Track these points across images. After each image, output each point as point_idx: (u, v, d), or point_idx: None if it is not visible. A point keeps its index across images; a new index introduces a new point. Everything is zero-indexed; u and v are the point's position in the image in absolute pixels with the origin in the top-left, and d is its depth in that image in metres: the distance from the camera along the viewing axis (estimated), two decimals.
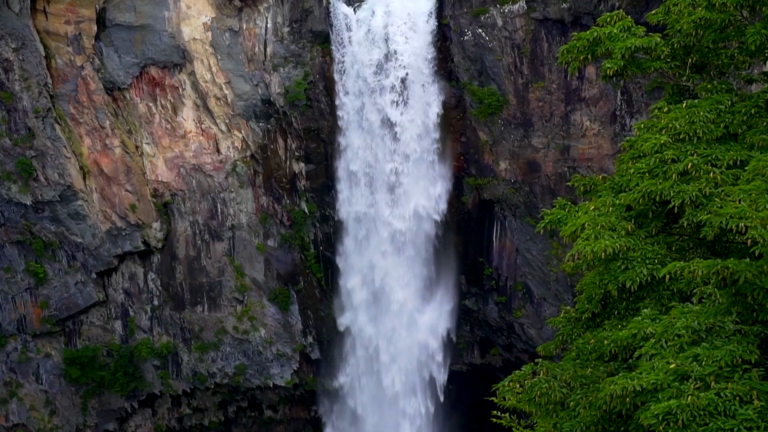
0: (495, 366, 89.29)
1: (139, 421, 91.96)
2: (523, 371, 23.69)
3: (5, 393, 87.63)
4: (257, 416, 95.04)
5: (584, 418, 21.58)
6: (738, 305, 20.28)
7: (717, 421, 18.13)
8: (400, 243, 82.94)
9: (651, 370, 19.67)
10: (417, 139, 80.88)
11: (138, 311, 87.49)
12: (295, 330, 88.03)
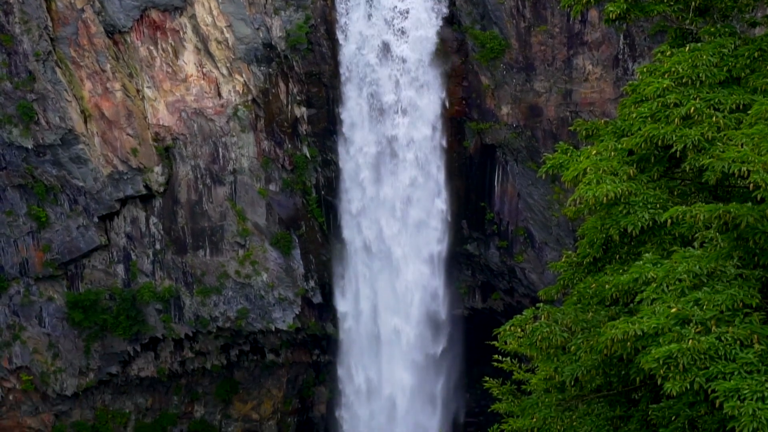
0: (496, 310, 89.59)
1: (141, 364, 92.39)
2: (524, 315, 23.70)
3: (8, 336, 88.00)
4: (259, 360, 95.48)
5: (585, 362, 21.65)
6: (739, 249, 20.27)
7: (717, 364, 18.18)
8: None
9: (652, 314, 19.69)
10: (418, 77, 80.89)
11: (140, 255, 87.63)
12: (297, 274, 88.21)
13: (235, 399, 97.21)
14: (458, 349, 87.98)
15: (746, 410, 17.15)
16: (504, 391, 36.41)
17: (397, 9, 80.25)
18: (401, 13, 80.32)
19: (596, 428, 23.49)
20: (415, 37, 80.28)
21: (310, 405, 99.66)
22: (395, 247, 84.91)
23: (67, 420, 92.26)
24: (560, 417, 24.39)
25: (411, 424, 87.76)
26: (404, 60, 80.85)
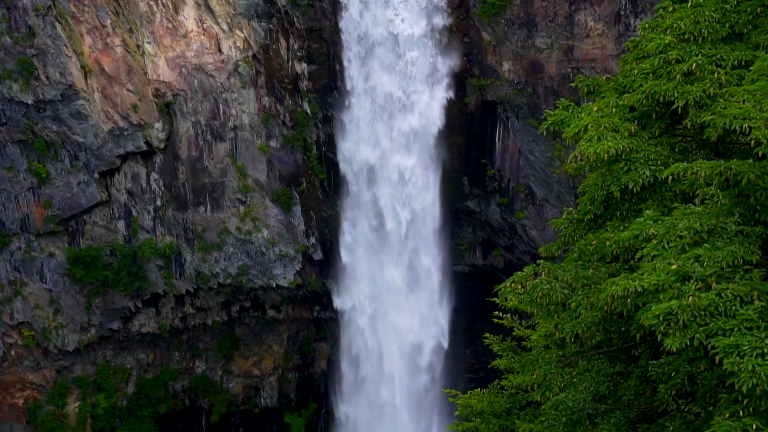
0: (497, 267, 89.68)
1: (143, 320, 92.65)
2: (525, 272, 23.71)
3: (10, 292, 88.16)
4: (260, 316, 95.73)
5: (585, 318, 21.67)
6: (740, 206, 20.25)
7: (717, 321, 18.20)
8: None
9: (652, 271, 19.70)
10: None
11: (141, 211, 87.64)
12: (298, 231, 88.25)
13: (236, 355, 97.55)
14: (458, 306, 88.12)
15: (746, 366, 17.19)
16: (504, 347, 36.52)
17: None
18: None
19: (596, 384, 23.56)
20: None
21: (311, 361, 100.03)
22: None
23: (69, 375, 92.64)
24: (560, 373, 24.47)
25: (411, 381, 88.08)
26: (403, 20, 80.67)
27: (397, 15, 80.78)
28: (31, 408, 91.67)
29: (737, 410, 17.56)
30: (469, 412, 35.77)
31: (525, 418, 33.55)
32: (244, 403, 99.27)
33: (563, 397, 24.19)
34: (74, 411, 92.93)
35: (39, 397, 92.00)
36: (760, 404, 17.26)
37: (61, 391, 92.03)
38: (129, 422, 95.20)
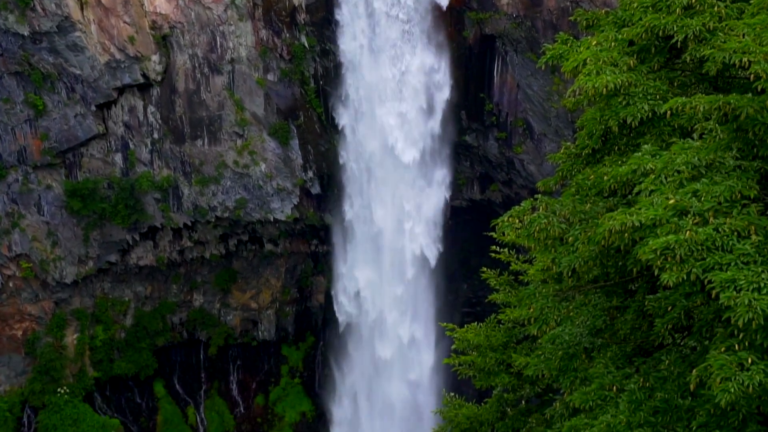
0: (494, 201, 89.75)
1: (140, 253, 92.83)
2: (523, 207, 23.69)
3: (7, 223, 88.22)
4: (258, 250, 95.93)
5: (582, 253, 21.69)
6: (738, 141, 20.21)
7: (714, 255, 18.23)
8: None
9: (650, 205, 19.69)
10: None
11: (138, 144, 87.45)
12: (296, 165, 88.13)
13: (234, 288, 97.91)
14: (456, 240, 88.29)
15: (742, 300, 17.24)
16: (501, 281, 36.66)
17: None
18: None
19: (593, 318, 23.64)
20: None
21: (309, 295, 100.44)
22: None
23: (67, 307, 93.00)
24: (557, 307, 24.55)
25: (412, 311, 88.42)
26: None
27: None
28: (30, 339, 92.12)
29: (733, 344, 17.64)
30: (466, 345, 35.97)
31: (521, 352, 33.75)
32: (241, 336, 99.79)
33: (560, 331, 24.30)
34: (72, 343, 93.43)
35: (37, 329, 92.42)
36: (755, 338, 17.34)
37: (60, 323, 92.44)
38: (127, 354, 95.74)
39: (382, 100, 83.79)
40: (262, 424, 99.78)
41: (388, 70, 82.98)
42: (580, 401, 21.62)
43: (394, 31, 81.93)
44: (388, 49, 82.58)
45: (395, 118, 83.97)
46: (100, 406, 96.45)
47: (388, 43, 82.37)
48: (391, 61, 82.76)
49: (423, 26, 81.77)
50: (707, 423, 18.82)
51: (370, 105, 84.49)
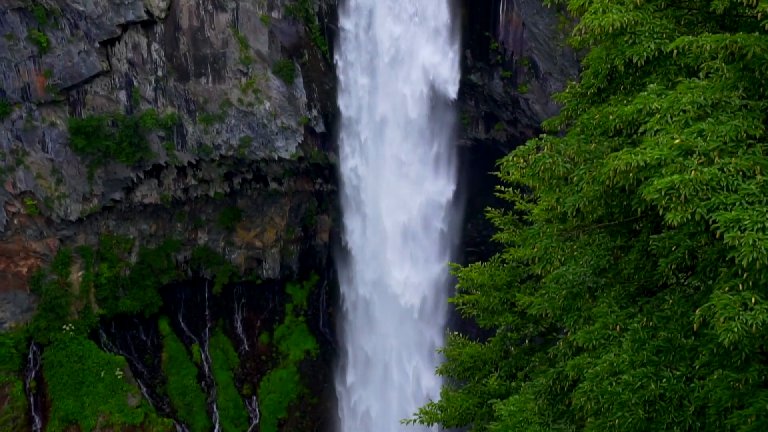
0: (499, 141, 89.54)
1: (145, 191, 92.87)
2: (528, 146, 23.59)
3: (12, 161, 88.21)
4: (262, 188, 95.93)
5: (587, 193, 21.64)
6: (745, 80, 20.08)
7: (719, 195, 18.19)
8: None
9: (655, 145, 19.61)
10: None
11: (142, 82, 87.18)
12: (300, 103, 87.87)
13: (238, 227, 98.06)
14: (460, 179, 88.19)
15: (746, 240, 17.22)
16: (506, 221, 36.68)
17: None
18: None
19: (596, 258, 23.65)
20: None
21: (313, 233, 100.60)
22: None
23: (72, 245, 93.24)
24: (561, 247, 24.54)
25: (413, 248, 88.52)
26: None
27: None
28: (35, 276, 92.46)
29: (737, 284, 17.64)
30: (470, 284, 36.07)
31: (525, 291, 33.86)
32: (246, 275, 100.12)
33: (564, 271, 24.32)
34: (77, 280, 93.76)
35: (42, 266, 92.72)
36: (759, 278, 17.34)
37: (65, 261, 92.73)
38: (132, 292, 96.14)
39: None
40: (267, 362, 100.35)
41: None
42: (584, 340, 21.69)
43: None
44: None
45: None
46: (105, 343, 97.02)
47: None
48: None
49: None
50: (710, 362, 18.90)
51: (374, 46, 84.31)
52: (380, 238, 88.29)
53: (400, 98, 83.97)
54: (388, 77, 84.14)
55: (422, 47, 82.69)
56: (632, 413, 19.26)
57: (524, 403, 25.30)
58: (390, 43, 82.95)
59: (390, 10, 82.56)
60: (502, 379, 34.85)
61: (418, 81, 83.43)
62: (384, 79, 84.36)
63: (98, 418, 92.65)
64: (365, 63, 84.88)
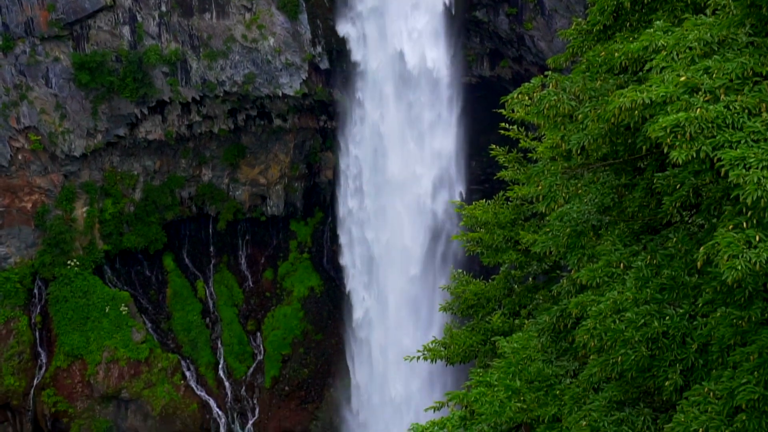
0: (504, 78, 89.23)
1: (149, 127, 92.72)
2: (533, 83, 23.51)
3: (15, 96, 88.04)
4: (266, 125, 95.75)
5: (592, 130, 21.59)
6: (752, 17, 19.94)
7: (725, 133, 18.13)
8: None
9: (661, 82, 19.53)
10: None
11: (146, 17, 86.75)
12: (304, 39, 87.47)
13: (243, 163, 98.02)
14: (464, 117, 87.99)
15: (751, 178, 17.19)
16: (510, 159, 36.65)
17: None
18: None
19: (601, 196, 23.64)
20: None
21: (317, 171, 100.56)
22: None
23: (76, 180, 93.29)
24: (565, 185, 24.51)
25: None
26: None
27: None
28: (40, 212, 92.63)
29: (741, 222, 17.64)
30: (474, 222, 36.11)
31: (529, 229, 33.89)
32: (250, 211, 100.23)
33: (568, 209, 24.32)
34: (82, 216, 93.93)
35: (47, 202, 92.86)
36: (763, 216, 17.33)
37: (69, 196, 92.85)
38: (137, 228, 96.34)
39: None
40: (271, 299, 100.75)
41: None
42: (587, 278, 21.73)
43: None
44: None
45: None
46: (110, 279, 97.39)
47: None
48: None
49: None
50: (713, 300, 18.95)
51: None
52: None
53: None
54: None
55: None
56: (635, 350, 19.35)
57: (527, 341, 25.40)
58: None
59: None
60: (506, 316, 34.98)
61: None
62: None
63: (103, 353, 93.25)
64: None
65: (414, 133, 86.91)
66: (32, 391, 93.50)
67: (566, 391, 22.52)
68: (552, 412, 22.39)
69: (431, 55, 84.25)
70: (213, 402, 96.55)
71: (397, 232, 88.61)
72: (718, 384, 18.21)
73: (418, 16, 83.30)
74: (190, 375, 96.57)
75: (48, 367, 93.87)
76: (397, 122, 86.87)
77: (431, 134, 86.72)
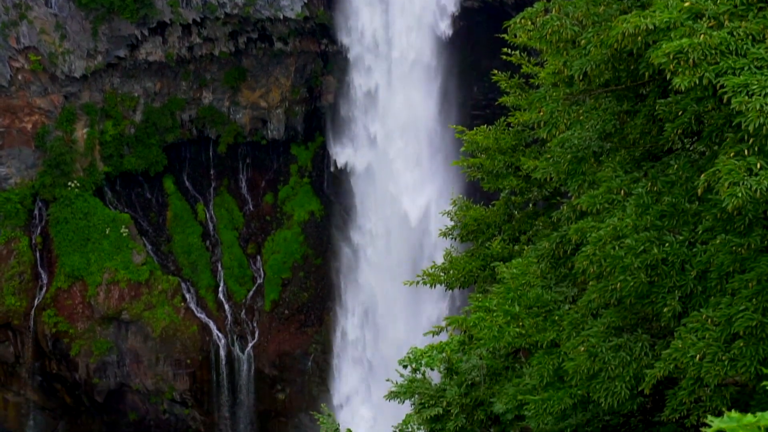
0: (507, 3, 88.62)
1: (149, 48, 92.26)
2: (536, 8, 23.29)
3: (15, 15, 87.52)
4: (267, 48, 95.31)
5: (595, 56, 21.44)
6: None
7: (728, 59, 18.01)
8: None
9: (664, 8, 19.36)
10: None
11: None
12: None
13: (243, 87, 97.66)
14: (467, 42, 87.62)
15: (753, 105, 17.11)
16: (512, 84, 36.47)
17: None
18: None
19: (602, 123, 23.53)
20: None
21: (318, 95, 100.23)
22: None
23: (77, 102, 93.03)
24: (567, 111, 24.39)
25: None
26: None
27: None
28: (40, 133, 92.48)
29: (742, 149, 17.58)
30: (475, 148, 36.03)
31: (530, 155, 33.82)
32: (251, 135, 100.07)
33: (569, 135, 24.21)
34: (82, 137, 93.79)
35: (47, 123, 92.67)
36: (765, 143, 17.27)
37: (69, 118, 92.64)
38: (137, 150, 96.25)
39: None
40: (271, 222, 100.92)
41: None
42: (587, 204, 21.70)
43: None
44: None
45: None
46: (110, 201, 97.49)
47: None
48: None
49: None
50: (713, 227, 18.95)
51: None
52: None
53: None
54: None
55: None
56: (634, 277, 19.38)
57: (527, 267, 25.44)
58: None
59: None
60: (506, 242, 35.01)
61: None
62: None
63: (104, 274, 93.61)
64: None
65: None
66: (33, 311, 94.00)
67: (565, 316, 22.59)
68: (550, 338, 22.49)
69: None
70: (213, 324, 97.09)
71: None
72: (716, 311, 18.26)
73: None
74: (190, 297, 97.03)
75: (49, 287, 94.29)
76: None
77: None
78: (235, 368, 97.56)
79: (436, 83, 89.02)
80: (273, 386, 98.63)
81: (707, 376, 17.87)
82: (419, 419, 27.69)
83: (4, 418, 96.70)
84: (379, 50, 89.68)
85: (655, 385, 19.02)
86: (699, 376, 17.98)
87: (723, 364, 17.77)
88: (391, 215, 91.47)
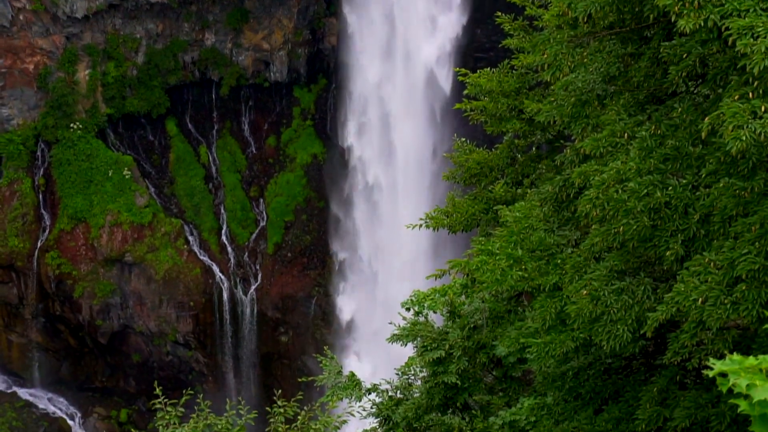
0: None
1: None
2: None
3: None
4: None
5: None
6: None
7: (733, 1, 17.72)
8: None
9: None
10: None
11: None
12: None
13: (246, 28, 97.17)
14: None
15: (758, 48, 16.99)
16: (516, 26, 36.25)
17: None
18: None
19: (606, 65, 23.40)
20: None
21: (321, 37, 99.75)
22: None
23: (79, 43, 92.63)
24: (571, 53, 24.24)
25: None
26: None
27: None
28: (42, 74, 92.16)
29: (747, 92, 17.48)
30: (478, 90, 35.87)
31: (534, 98, 33.68)
32: (253, 77, 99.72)
33: (573, 78, 24.09)
34: (84, 78, 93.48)
35: (49, 64, 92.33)
36: None
37: (71, 59, 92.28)
38: (139, 92, 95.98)
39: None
40: (274, 165, 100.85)
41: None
42: (591, 148, 21.63)
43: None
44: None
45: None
46: (113, 143, 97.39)
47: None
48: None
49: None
50: (716, 170, 18.89)
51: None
52: None
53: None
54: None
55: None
56: (637, 220, 19.35)
57: (530, 210, 25.39)
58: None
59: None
60: (509, 185, 34.95)
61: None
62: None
63: (107, 216, 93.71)
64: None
65: None
66: (36, 252, 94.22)
67: (567, 260, 22.59)
68: (553, 281, 22.50)
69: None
70: (216, 267, 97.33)
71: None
72: (718, 254, 18.25)
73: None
74: (193, 240, 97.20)
75: (52, 229, 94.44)
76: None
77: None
78: (238, 311, 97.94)
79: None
80: (276, 329, 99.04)
81: (709, 319, 17.87)
82: (422, 362, 27.81)
83: (8, 360, 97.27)
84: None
85: (657, 329, 19.03)
86: (701, 320, 17.99)
87: (725, 307, 17.77)
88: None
